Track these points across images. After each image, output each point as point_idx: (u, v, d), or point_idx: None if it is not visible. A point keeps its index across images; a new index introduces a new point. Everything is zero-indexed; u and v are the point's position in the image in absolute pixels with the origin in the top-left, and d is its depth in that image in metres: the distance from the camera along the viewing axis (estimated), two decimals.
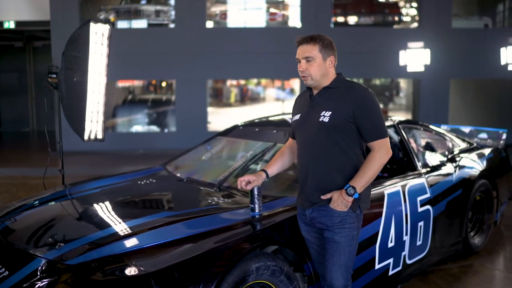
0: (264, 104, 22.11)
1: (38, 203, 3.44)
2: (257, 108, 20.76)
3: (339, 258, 2.64)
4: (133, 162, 10.48)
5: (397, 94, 23.70)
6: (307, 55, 2.66)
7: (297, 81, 15.28)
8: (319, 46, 2.66)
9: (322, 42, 2.67)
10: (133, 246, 2.53)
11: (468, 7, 15.51)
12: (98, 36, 4.06)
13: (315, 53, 2.65)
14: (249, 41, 12.14)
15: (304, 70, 2.68)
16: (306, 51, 2.67)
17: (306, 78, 2.70)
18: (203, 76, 12.24)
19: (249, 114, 18.66)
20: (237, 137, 4.43)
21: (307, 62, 2.67)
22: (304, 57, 2.67)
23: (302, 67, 2.69)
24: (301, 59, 2.69)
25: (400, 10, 13.61)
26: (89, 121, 4.11)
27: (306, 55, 2.66)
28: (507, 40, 12.07)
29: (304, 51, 2.68)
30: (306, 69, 2.67)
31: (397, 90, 23.96)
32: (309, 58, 2.65)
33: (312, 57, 2.65)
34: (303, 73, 2.69)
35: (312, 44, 2.67)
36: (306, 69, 2.67)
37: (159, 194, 3.59)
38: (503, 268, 4.54)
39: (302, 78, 2.73)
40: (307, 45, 2.68)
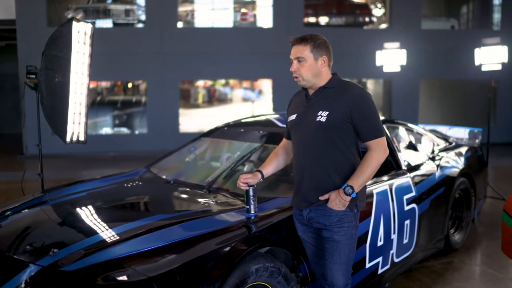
0: (233, 105, 22.09)
1: (22, 209, 3.32)
2: (226, 109, 20.71)
3: (339, 257, 2.65)
4: (105, 165, 10.30)
5: None
6: (298, 56, 2.66)
7: (265, 81, 15.32)
8: (311, 46, 2.66)
9: (314, 42, 2.67)
10: (132, 250, 2.46)
11: (435, 9, 15.87)
12: (80, 35, 3.95)
13: (306, 53, 2.65)
14: (222, 41, 12.10)
15: (295, 70, 2.69)
16: (298, 51, 2.67)
17: (297, 79, 2.70)
18: (175, 77, 12.12)
19: (218, 115, 18.62)
20: (222, 138, 4.40)
21: (298, 63, 2.67)
22: (295, 58, 2.68)
23: (294, 67, 2.69)
24: (293, 60, 2.69)
25: (370, 11, 13.81)
26: (71, 122, 4.00)
27: (298, 55, 2.66)
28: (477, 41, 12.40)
29: (296, 51, 2.68)
30: (297, 70, 2.67)
31: None
32: (300, 59, 2.66)
33: (303, 58, 2.65)
34: (295, 73, 2.70)
35: (304, 44, 2.67)
36: (297, 69, 2.68)
37: (149, 196, 3.52)
38: (482, 263, 4.65)
39: (295, 79, 2.73)
40: (299, 46, 2.68)
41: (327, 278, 2.68)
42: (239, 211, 2.98)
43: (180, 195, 3.46)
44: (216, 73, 12.64)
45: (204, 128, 14.44)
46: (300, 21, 12.38)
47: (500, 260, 4.68)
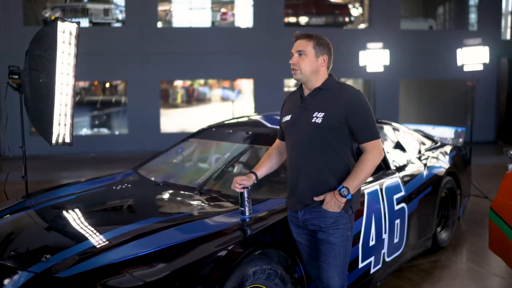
0: (212, 105, 22.01)
1: (7, 213, 3.23)
2: (206, 109, 20.62)
3: (334, 259, 2.63)
4: (86, 166, 10.13)
5: None
6: (300, 49, 2.66)
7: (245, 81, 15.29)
8: (314, 42, 2.66)
9: (318, 40, 2.68)
10: (128, 255, 2.40)
11: (413, 9, 16.05)
12: (65, 35, 3.86)
13: (309, 48, 2.65)
14: (202, 41, 12.03)
15: (295, 63, 2.68)
16: (300, 45, 2.67)
17: (295, 72, 2.68)
18: (156, 76, 12.00)
19: (198, 115, 18.54)
20: (210, 139, 4.35)
21: (299, 56, 2.67)
22: (297, 51, 2.68)
23: (293, 60, 2.68)
24: (294, 53, 2.69)
25: (350, 11, 13.89)
26: (57, 124, 3.90)
27: (299, 48, 2.66)
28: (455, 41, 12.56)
29: (299, 45, 2.68)
30: (297, 63, 2.66)
31: None
32: (302, 52, 2.65)
33: (305, 52, 2.65)
34: (294, 65, 2.68)
35: (308, 39, 2.68)
36: (296, 62, 2.67)
37: (140, 199, 3.45)
38: (469, 261, 4.70)
39: (292, 72, 2.71)
40: (303, 40, 2.69)
41: (323, 280, 2.67)
42: (233, 213, 2.95)
43: (172, 198, 3.41)
44: (197, 73, 12.56)
45: (185, 128, 14.35)
46: (281, 21, 12.38)
47: (486, 257, 4.75)
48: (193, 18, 13.08)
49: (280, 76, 12.58)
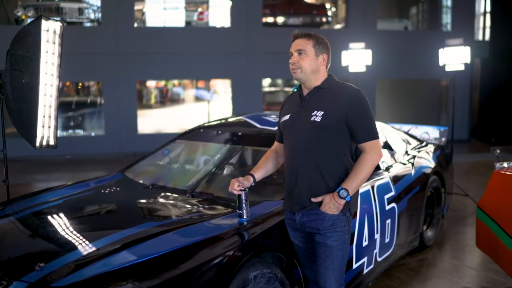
0: (188, 105, 21.88)
1: None
2: (181, 109, 20.47)
3: (331, 263, 2.59)
4: (62, 169, 9.91)
5: None
6: (299, 48, 2.63)
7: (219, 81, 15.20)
8: (313, 41, 2.64)
9: (317, 39, 2.66)
10: (126, 262, 2.32)
11: (388, 10, 16.23)
12: (49, 34, 3.74)
13: (308, 47, 2.63)
14: (180, 41, 11.90)
15: (295, 62, 2.64)
16: (300, 44, 2.64)
17: (295, 71, 2.65)
18: (132, 77, 11.82)
19: (174, 115, 18.36)
20: (198, 140, 4.29)
21: (298, 55, 2.64)
22: (296, 50, 2.65)
23: (294, 59, 2.65)
24: (294, 52, 2.66)
25: (327, 12, 13.95)
26: (41, 126, 3.77)
27: (299, 48, 2.63)
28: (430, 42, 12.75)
29: (298, 44, 2.65)
30: (297, 62, 2.63)
31: None
32: (301, 51, 2.63)
33: (304, 51, 2.62)
34: (294, 65, 2.65)
35: (307, 38, 2.65)
36: (297, 61, 2.64)
37: (132, 203, 3.36)
38: (455, 258, 4.75)
39: (292, 71, 2.67)
40: (302, 39, 2.66)
41: (320, 284, 2.63)
42: (231, 216, 2.90)
43: (165, 201, 3.32)
44: (174, 73, 12.41)
45: (162, 129, 14.19)
46: (259, 21, 12.34)
47: (472, 255, 4.81)
48: (170, 18, 12.94)
49: (258, 76, 12.55)
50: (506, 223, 3.86)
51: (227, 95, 22.58)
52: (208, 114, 16.93)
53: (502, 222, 3.91)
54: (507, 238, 3.82)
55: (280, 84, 20.82)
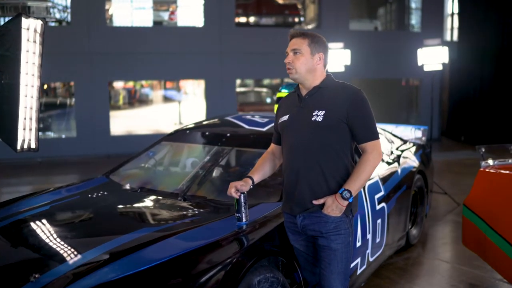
0: (157, 106, 21.67)
1: None
2: (151, 110, 20.25)
3: (336, 267, 2.55)
4: (34, 172, 9.61)
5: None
6: (294, 47, 2.59)
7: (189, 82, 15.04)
8: (309, 40, 2.59)
9: (312, 37, 2.61)
10: (128, 271, 2.22)
11: (358, 11, 16.38)
12: (30, 32, 3.57)
13: (304, 46, 2.57)
14: (152, 40, 11.71)
15: (289, 62, 2.60)
16: (295, 44, 2.60)
17: (291, 71, 2.60)
18: (104, 77, 11.56)
19: (144, 116, 18.11)
20: (185, 142, 4.18)
21: (294, 55, 2.59)
22: (292, 50, 2.60)
23: (289, 59, 2.61)
24: (289, 52, 2.61)
25: (299, 12, 13.99)
26: (22, 129, 3.60)
27: (294, 47, 2.59)
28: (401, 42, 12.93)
29: (294, 43, 2.61)
30: (292, 62, 2.58)
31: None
32: (296, 51, 2.58)
33: (299, 50, 2.57)
34: (289, 65, 2.60)
35: (302, 38, 2.60)
36: (292, 61, 2.59)
37: (123, 208, 3.24)
38: (441, 257, 4.79)
39: (288, 71, 2.62)
40: (297, 39, 2.61)
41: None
42: (228, 220, 2.83)
43: (157, 205, 3.22)
44: (147, 73, 12.21)
45: (133, 130, 13.94)
46: (232, 21, 12.26)
47: (456, 252, 4.86)
48: (142, 18, 12.71)
49: (232, 76, 12.47)
50: (494, 221, 3.91)
51: (197, 96, 22.42)
52: (179, 115, 16.76)
53: (490, 220, 3.96)
54: (495, 235, 3.86)
55: (250, 84, 20.82)
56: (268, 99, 16.92)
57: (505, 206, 3.85)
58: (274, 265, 2.68)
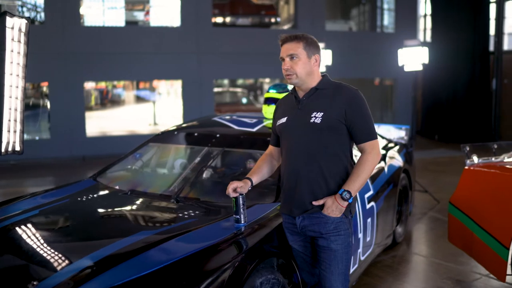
0: (131, 107, 21.40)
1: None
2: (124, 111, 20.00)
3: (337, 267, 2.55)
4: (6, 175, 9.36)
5: (261, 94, 24.65)
6: (291, 53, 2.56)
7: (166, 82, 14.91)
8: (303, 43, 2.57)
9: (306, 40, 2.59)
10: (132, 274, 2.17)
11: (333, 11, 16.51)
12: (15, 32, 3.48)
13: (300, 50, 2.56)
14: (129, 40, 11.56)
15: (288, 68, 2.57)
16: (291, 48, 2.56)
17: (290, 77, 2.58)
18: (80, 78, 11.35)
19: (117, 117, 17.87)
20: (173, 143, 4.13)
21: (291, 60, 2.56)
22: (288, 55, 2.57)
23: (287, 65, 2.57)
24: (285, 57, 2.58)
25: (276, 12, 14.01)
26: (6, 131, 3.50)
27: (291, 52, 2.56)
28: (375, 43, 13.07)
29: (288, 48, 2.57)
30: (291, 67, 2.56)
31: (261, 90, 24.92)
32: (294, 56, 2.55)
33: (297, 55, 2.55)
34: (288, 71, 2.58)
35: (296, 41, 2.57)
36: (290, 67, 2.56)
37: (116, 211, 3.16)
38: (427, 254, 4.86)
39: (286, 77, 2.61)
40: (291, 43, 2.58)
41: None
42: (227, 221, 2.80)
43: (151, 208, 3.16)
44: (124, 74, 12.04)
45: (108, 131, 13.74)
46: (209, 21, 12.19)
47: (441, 249, 4.93)
48: (117, 18, 12.51)
49: (209, 77, 12.41)
50: (480, 218, 3.98)
51: (172, 96, 22.23)
52: (154, 115, 16.58)
53: (476, 217, 4.03)
54: (482, 232, 3.93)
55: (225, 85, 20.76)
56: (244, 99, 16.91)
57: (490, 203, 3.92)
58: (274, 266, 2.67)
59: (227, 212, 2.95)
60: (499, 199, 3.86)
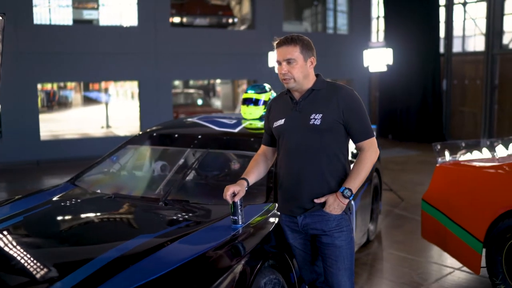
0: (79, 109, 20.83)
1: None
2: (72, 113, 19.46)
3: (343, 263, 2.60)
4: None
5: (214, 95, 24.61)
6: (288, 57, 2.57)
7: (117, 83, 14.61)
8: (300, 47, 2.59)
9: (302, 42, 2.61)
10: (138, 279, 2.13)
11: (287, 12, 16.69)
12: None
13: (297, 54, 2.57)
14: (83, 40, 11.23)
15: (286, 72, 2.58)
16: (287, 52, 2.57)
17: (288, 81, 2.60)
18: (33, 79, 10.93)
19: (65, 119, 17.36)
20: (154, 145, 4.06)
21: (288, 65, 2.57)
22: (285, 59, 2.57)
23: (284, 69, 2.58)
24: (282, 61, 2.59)
25: (232, 13, 14.01)
26: None
27: (288, 57, 2.57)
28: (331, 44, 13.31)
29: (285, 52, 2.57)
30: (288, 72, 2.58)
31: (214, 92, 24.91)
32: (291, 60, 2.56)
33: (294, 59, 2.56)
34: (285, 75, 2.59)
35: (293, 45, 2.58)
36: (288, 71, 2.58)
37: (106, 215, 3.07)
38: (399, 250, 5.00)
39: (283, 81, 2.62)
40: (288, 47, 2.58)
41: (333, 285, 2.62)
42: (223, 223, 2.79)
43: (141, 211, 3.10)
44: (78, 74, 11.67)
45: (61, 134, 13.34)
46: (167, 21, 12.04)
47: (412, 246, 5.09)
48: (71, 15, 12.13)
49: (167, 78, 12.25)
50: (453, 213, 4.14)
51: (124, 98, 21.73)
52: (107, 117, 16.20)
53: (449, 213, 4.19)
54: (456, 227, 4.09)
55: (179, 86, 20.57)
56: (200, 100, 16.82)
57: (463, 198, 4.09)
58: (274, 266, 2.68)
59: (220, 213, 2.94)
60: (472, 195, 4.03)
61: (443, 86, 13.21)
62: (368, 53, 7.33)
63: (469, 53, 13.02)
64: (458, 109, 13.27)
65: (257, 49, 12.45)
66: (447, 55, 13.10)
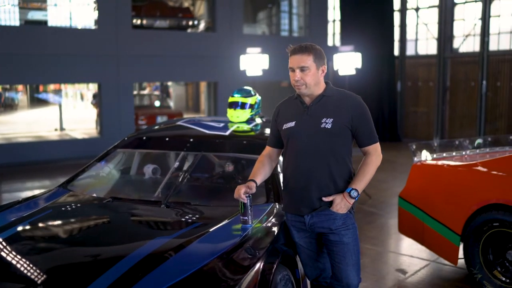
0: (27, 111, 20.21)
1: None
2: (22, 115, 18.87)
3: (351, 259, 2.77)
4: None
5: (167, 96, 24.48)
6: (302, 65, 2.72)
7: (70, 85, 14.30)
8: (313, 56, 2.75)
9: (315, 52, 2.77)
10: (168, 279, 2.20)
11: (245, 15, 16.84)
12: None
13: (310, 62, 2.73)
14: (42, 41, 10.93)
15: (299, 79, 2.74)
16: (301, 61, 2.73)
17: (300, 87, 2.75)
18: None
19: (14, 122, 16.83)
20: (143, 149, 4.08)
21: (302, 72, 2.73)
22: (299, 67, 2.73)
23: (297, 76, 2.74)
24: (296, 68, 2.74)
25: (192, 15, 14.02)
26: None
27: (302, 64, 2.72)
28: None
29: (299, 60, 2.73)
30: (301, 79, 2.73)
31: (167, 93, 24.77)
32: (304, 68, 2.72)
33: (307, 67, 2.72)
34: (298, 82, 2.74)
35: (307, 54, 2.74)
36: (301, 78, 2.73)
37: (113, 218, 3.09)
38: (376, 246, 5.23)
39: (295, 87, 2.78)
40: (302, 55, 2.74)
41: (342, 280, 2.78)
42: (233, 223, 2.89)
43: (146, 214, 3.15)
44: (36, 76, 11.33)
45: (12, 138, 12.96)
46: (128, 23, 11.90)
47: (389, 241, 5.34)
48: (32, 16, 11.80)
49: (128, 80, 12.13)
50: (430, 208, 4.41)
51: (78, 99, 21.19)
52: (61, 120, 15.81)
53: (426, 208, 4.44)
54: (434, 222, 4.36)
55: (134, 88, 20.31)
56: (157, 102, 16.67)
57: (440, 195, 4.36)
58: (284, 263, 2.81)
59: (224, 214, 3.04)
60: (448, 191, 4.30)
61: (398, 87, 13.74)
62: (337, 57, 7.59)
63: (422, 56, 13.63)
64: (412, 110, 13.85)
65: (218, 51, 12.53)
66: (401, 57, 13.64)
